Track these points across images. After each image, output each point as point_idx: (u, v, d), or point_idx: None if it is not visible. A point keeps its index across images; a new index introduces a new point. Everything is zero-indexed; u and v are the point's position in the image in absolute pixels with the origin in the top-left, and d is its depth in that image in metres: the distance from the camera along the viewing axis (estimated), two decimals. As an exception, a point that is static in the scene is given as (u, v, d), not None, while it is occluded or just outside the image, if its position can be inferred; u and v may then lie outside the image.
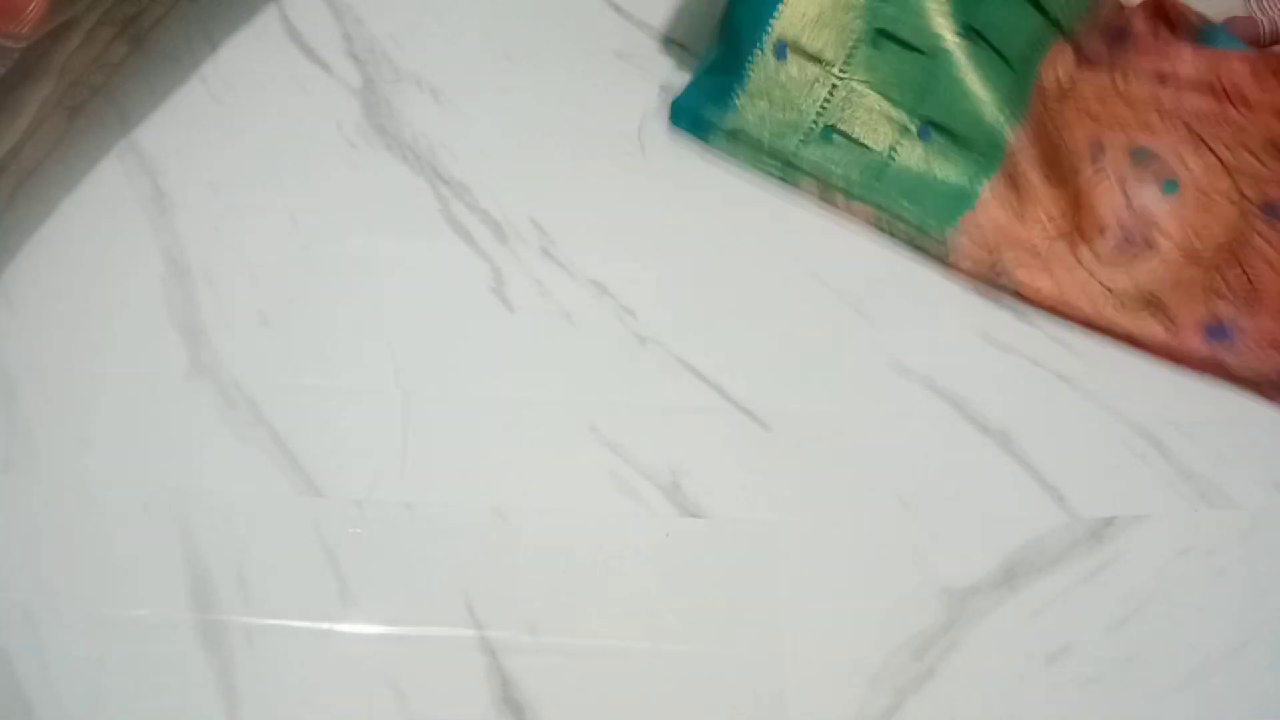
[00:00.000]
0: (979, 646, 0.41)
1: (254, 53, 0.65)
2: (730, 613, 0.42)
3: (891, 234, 0.53)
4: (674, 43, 0.62)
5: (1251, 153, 0.50)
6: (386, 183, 0.57)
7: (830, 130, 0.53)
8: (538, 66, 0.62)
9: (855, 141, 0.53)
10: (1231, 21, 0.58)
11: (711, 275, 0.53)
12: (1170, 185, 0.50)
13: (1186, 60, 0.52)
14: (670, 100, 0.57)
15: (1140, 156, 0.51)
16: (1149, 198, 0.50)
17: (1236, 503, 0.44)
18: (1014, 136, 0.50)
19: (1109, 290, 0.48)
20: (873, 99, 0.52)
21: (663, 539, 0.44)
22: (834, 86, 0.52)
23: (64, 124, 0.60)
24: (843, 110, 0.53)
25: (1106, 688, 0.39)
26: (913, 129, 0.52)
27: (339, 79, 0.63)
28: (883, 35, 0.51)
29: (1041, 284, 0.49)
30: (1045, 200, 0.50)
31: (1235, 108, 0.51)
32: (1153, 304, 0.48)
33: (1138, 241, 0.49)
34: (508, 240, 0.54)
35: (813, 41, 0.52)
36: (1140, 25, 0.53)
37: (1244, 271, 0.48)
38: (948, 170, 0.52)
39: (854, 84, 0.52)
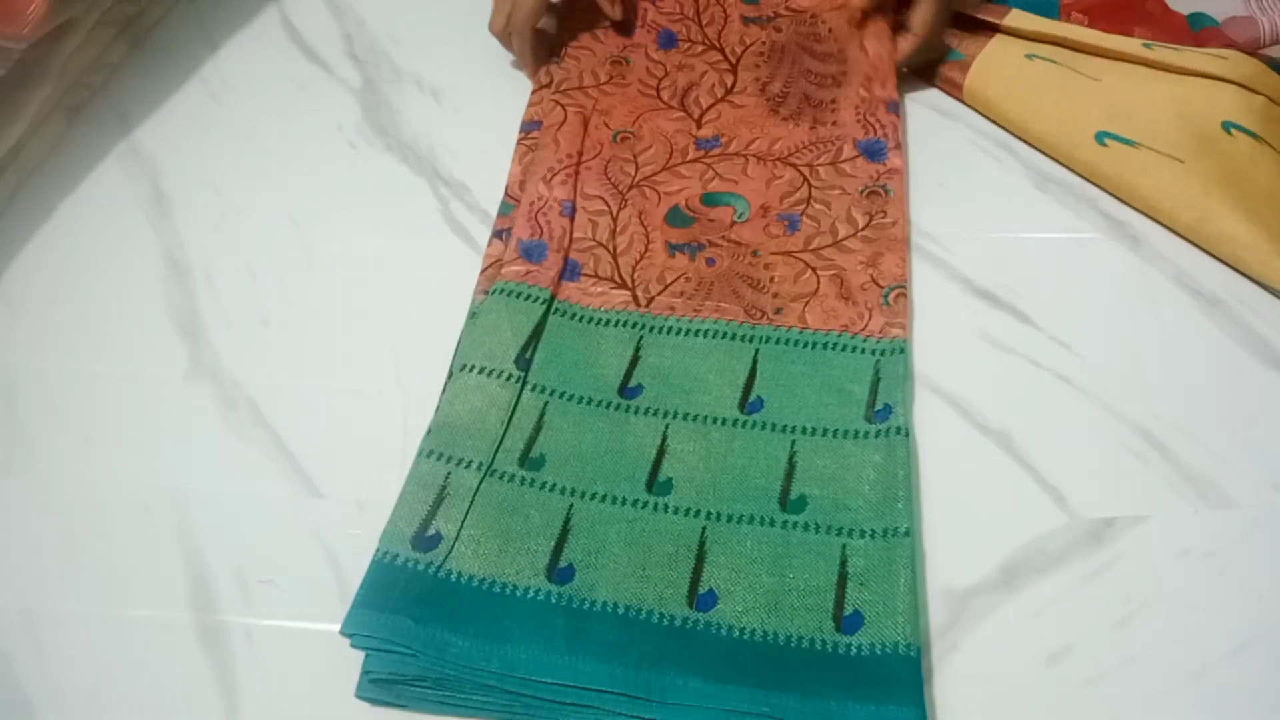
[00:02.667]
0: (979, 647, 0.40)
1: (254, 53, 0.65)
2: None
3: None
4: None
5: None
6: (386, 183, 0.57)
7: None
8: (538, 66, 0.62)
9: None
10: (1231, 21, 0.58)
11: (711, 275, 0.53)
12: None
13: None
14: None
15: None
16: None
17: (1236, 503, 0.44)
18: None
19: None
20: None
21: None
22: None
23: (64, 124, 0.60)
24: None
25: (1106, 688, 0.39)
26: None
27: (339, 79, 0.63)
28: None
29: None
30: None
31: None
32: None
33: None
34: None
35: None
36: None
37: None
38: None
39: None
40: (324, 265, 0.54)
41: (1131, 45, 0.55)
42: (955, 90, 0.59)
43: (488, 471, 0.43)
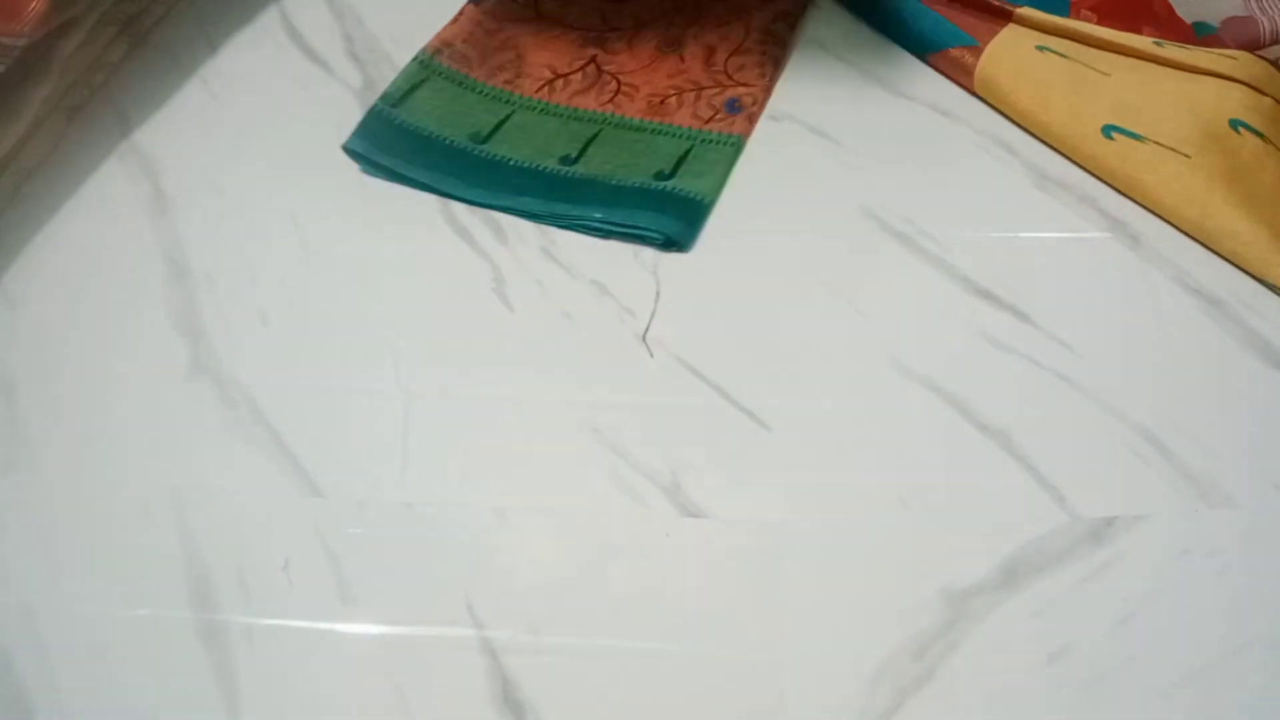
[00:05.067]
0: (979, 646, 0.40)
1: (254, 53, 0.65)
2: (730, 613, 0.42)
3: None
4: (674, 43, 0.62)
5: None
6: (386, 182, 0.57)
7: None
8: (538, 66, 0.62)
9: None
10: (1231, 21, 0.59)
11: (711, 275, 0.53)
12: None
13: None
14: None
15: None
16: None
17: (1236, 503, 0.44)
18: None
19: None
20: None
21: (663, 539, 0.44)
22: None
23: (64, 124, 0.60)
24: None
25: (1106, 688, 0.39)
26: None
27: (339, 79, 0.63)
28: None
29: None
30: None
31: None
32: None
33: None
34: (507, 240, 0.54)
35: None
36: None
37: None
38: None
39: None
40: (324, 265, 0.54)
41: (1142, 42, 0.56)
42: (966, 77, 0.59)
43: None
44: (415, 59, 0.61)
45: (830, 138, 0.58)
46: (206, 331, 0.51)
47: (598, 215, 0.54)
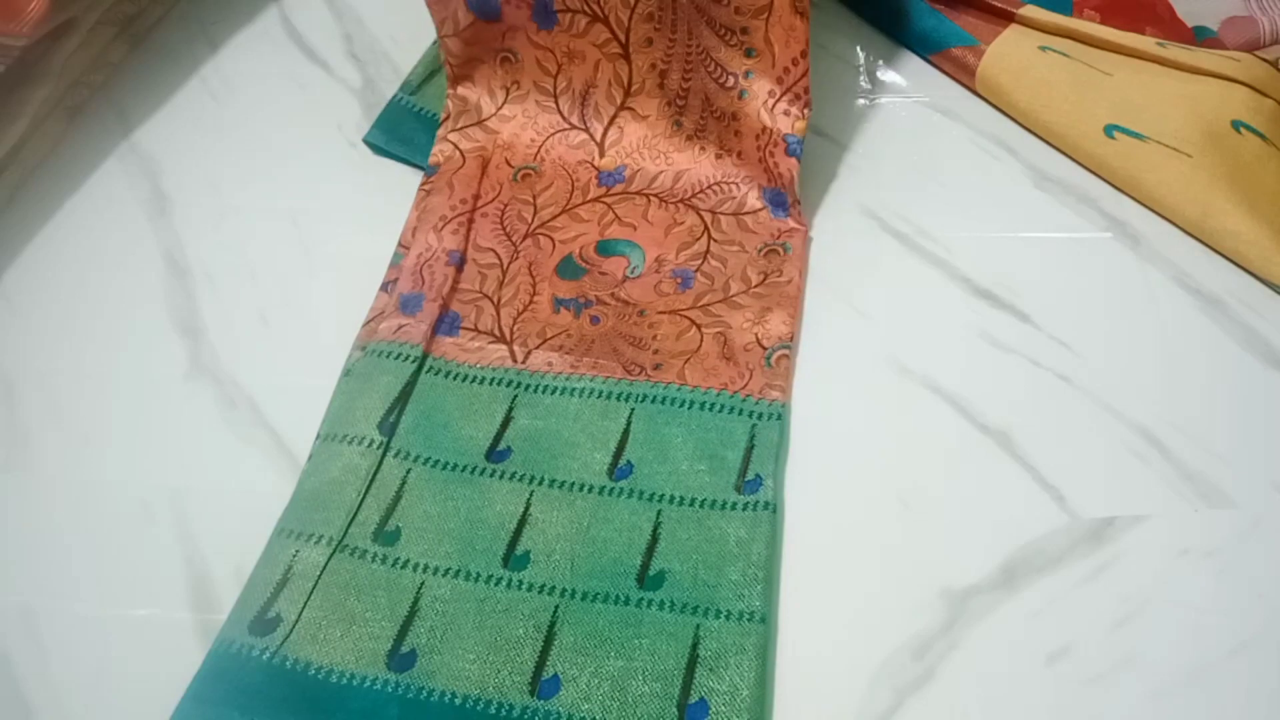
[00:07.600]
0: (979, 646, 0.40)
1: (254, 53, 0.65)
2: (730, 613, 0.42)
3: None
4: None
5: None
6: (386, 183, 0.57)
7: None
8: (538, 66, 0.62)
9: None
10: (1231, 21, 0.58)
11: (711, 275, 0.53)
12: None
13: None
14: None
15: None
16: None
17: (1236, 503, 0.44)
18: None
19: None
20: None
21: (663, 539, 0.44)
22: None
23: (64, 124, 0.60)
24: None
25: (1106, 688, 0.39)
26: None
27: (339, 79, 0.63)
28: None
29: None
30: None
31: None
32: None
33: None
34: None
35: None
36: None
37: None
38: None
39: None
40: (324, 265, 0.54)
41: (1145, 43, 0.56)
42: (968, 77, 0.59)
43: (338, 547, 0.42)
44: (436, 41, 0.58)
45: (830, 138, 0.58)
46: (206, 331, 0.51)
47: None
